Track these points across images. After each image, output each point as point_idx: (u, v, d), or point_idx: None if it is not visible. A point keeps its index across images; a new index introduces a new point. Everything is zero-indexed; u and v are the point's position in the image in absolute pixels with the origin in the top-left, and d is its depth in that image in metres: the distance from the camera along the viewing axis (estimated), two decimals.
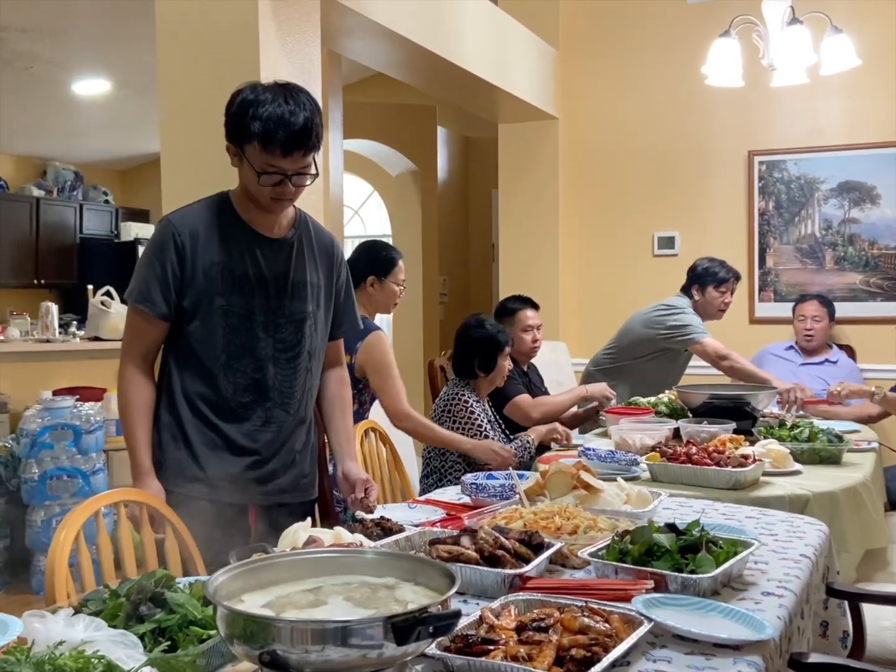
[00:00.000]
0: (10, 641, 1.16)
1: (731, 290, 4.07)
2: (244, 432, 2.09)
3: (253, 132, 1.93)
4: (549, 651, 1.30)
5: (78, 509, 1.69)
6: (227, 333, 2.04)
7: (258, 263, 2.08)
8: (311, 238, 2.20)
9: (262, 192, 2.01)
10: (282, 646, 1.07)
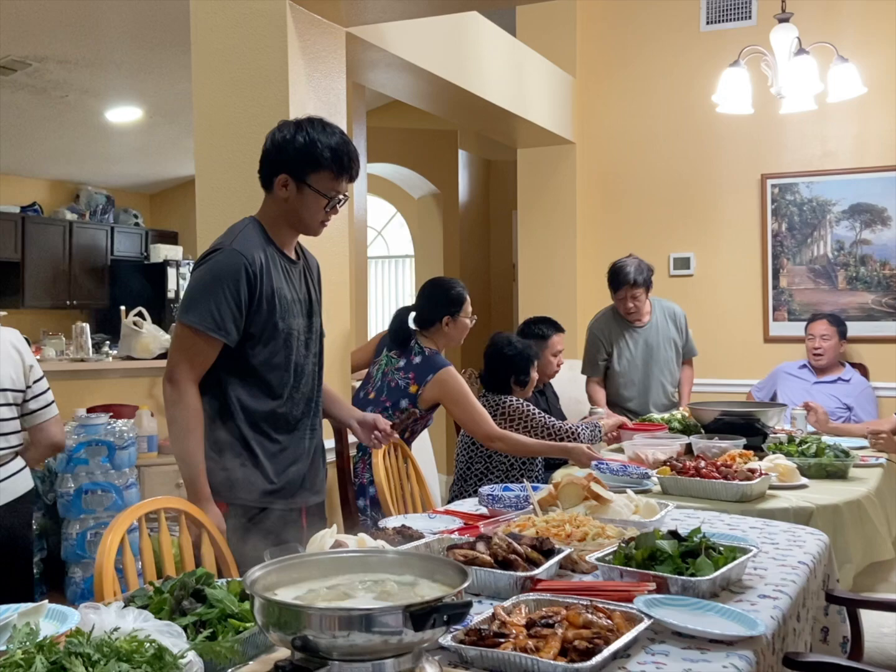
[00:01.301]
0: (70, 629, 1.30)
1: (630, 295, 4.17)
2: (296, 442, 2.27)
3: (325, 160, 2.15)
4: (555, 643, 1.42)
5: (123, 515, 1.84)
6: (288, 354, 2.22)
7: (294, 286, 2.27)
8: (305, 256, 2.41)
9: (315, 216, 2.23)
10: (312, 632, 1.19)
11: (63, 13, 5.20)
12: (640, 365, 4.25)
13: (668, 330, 4.31)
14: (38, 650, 1.16)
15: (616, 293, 4.20)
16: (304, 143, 2.16)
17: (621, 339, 4.25)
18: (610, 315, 4.32)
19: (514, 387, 3.41)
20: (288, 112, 2.76)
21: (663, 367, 4.28)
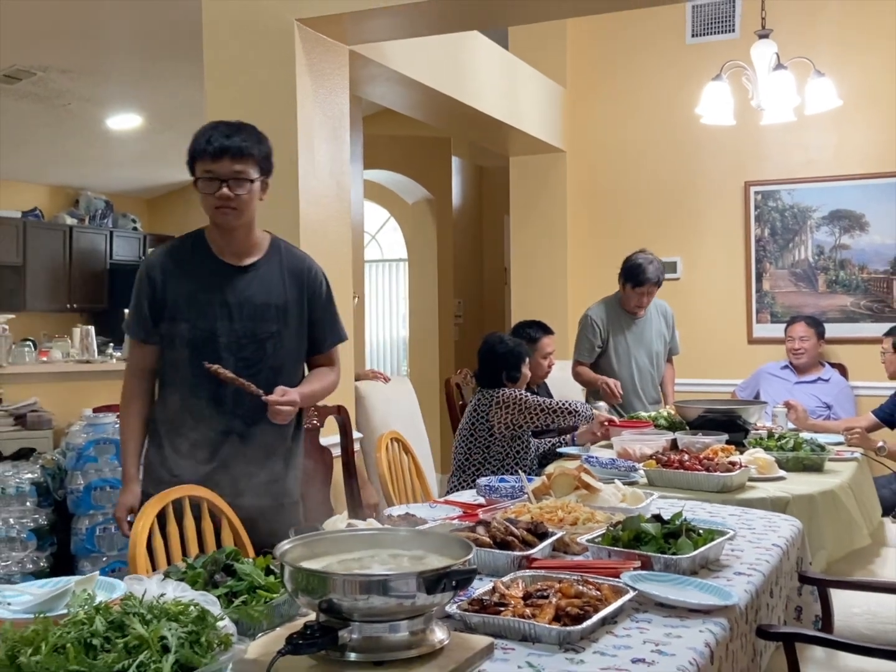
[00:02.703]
0: (119, 597, 1.46)
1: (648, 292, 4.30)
2: (207, 442, 2.31)
3: (192, 151, 2.27)
4: (549, 610, 1.59)
5: (152, 502, 2.00)
6: (193, 353, 2.29)
7: (222, 290, 2.32)
8: (281, 263, 2.42)
9: (208, 202, 2.27)
10: (336, 595, 1.36)
11: (67, 24, 5.35)
12: (633, 354, 4.40)
13: (660, 325, 4.48)
14: (95, 612, 1.32)
15: (636, 288, 4.26)
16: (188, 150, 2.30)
17: (618, 330, 4.37)
18: (609, 305, 4.42)
19: (507, 382, 3.56)
20: (296, 126, 2.93)
21: (654, 359, 4.45)
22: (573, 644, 1.51)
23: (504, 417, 3.39)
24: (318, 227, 3.15)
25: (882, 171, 4.96)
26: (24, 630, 1.27)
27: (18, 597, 1.48)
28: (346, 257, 3.33)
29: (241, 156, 2.25)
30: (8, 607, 1.44)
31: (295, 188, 3.03)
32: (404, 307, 9.00)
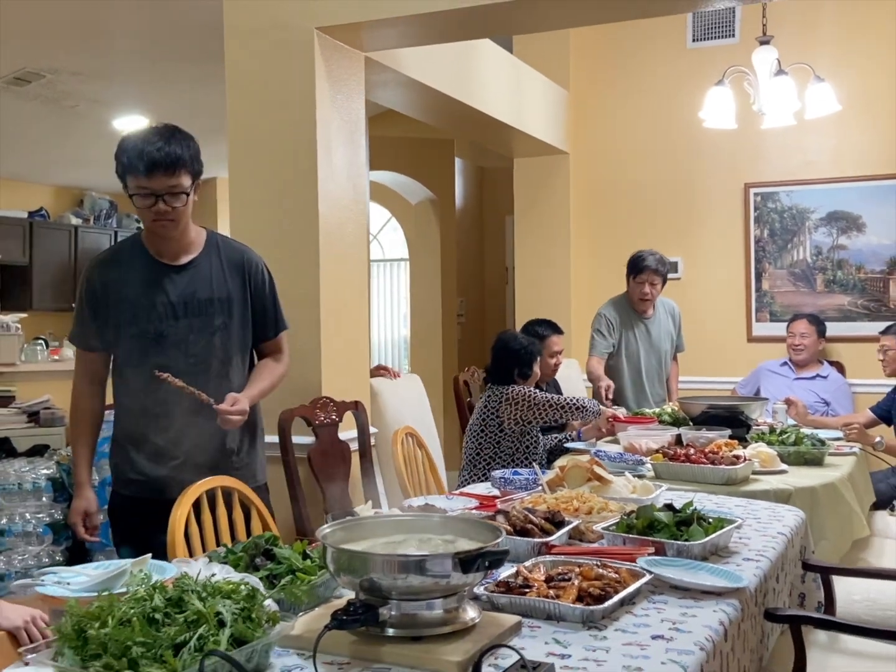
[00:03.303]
0: (171, 577, 1.56)
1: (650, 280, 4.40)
2: (168, 440, 2.36)
3: (123, 165, 2.28)
4: (572, 591, 1.69)
5: (188, 493, 2.09)
6: (141, 355, 2.34)
7: (164, 290, 2.36)
8: (220, 257, 2.45)
9: (145, 216, 2.30)
10: (376, 575, 1.45)
11: (77, 28, 5.42)
12: (642, 354, 4.50)
13: (668, 324, 4.59)
14: (154, 590, 1.41)
15: (636, 277, 4.38)
16: (116, 156, 2.32)
17: (628, 329, 4.47)
18: (619, 304, 4.51)
19: (518, 379, 3.61)
20: (315, 130, 3.02)
21: (661, 358, 4.56)
22: (596, 622, 1.61)
23: (513, 413, 3.48)
24: (336, 229, 3.24)
25: (879, 174, 5.07)
26: (89, 606, 1.36)
27: (76, 577, 1.57)
28: (362, 259, 3.42)
29: (175, 169, 2.25)
30: (67, 587, 1.53)
31: (314, 191, 3.12)
32: (405, 306, 9.08)
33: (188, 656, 1.28)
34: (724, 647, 1.62)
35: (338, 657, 1.45)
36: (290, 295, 2.64)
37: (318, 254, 3.14)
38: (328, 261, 3.19)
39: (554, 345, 4.06)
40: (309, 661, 1.42)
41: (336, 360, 3.24)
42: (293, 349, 2.62)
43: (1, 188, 7.61)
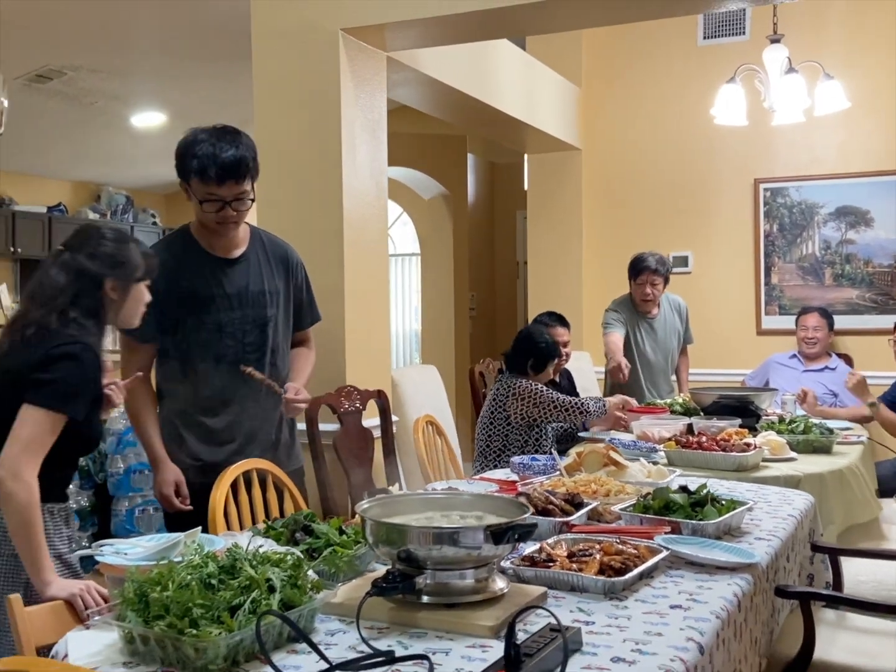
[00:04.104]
0: (220, 549, 1.66)
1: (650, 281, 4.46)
2: (225, 424, 2.48)
3: (191, 169, 2.33)
4: (594, 565, 1.79)
5: (226, 474, 2.21)
6: (200, 346, 2.43)
7: (220, 282, 2.46)
8: (265, 251, 2.58)
9: (208, 218, 2.40)
10: (413, 546, 1.56)
11: (97, 27, 5.53)
12: (648, 354, 4.58)
13: (674, 322, 4.67)
14: (207, 558, 1.52)
15: (636, 278, 4.45)
16: (179, 153, 2.39)
17: (634, 329, 4.55)
18: (624, 305, 4.58)
19: (530, 371, 3.65)
20: (339, 128, 3.13)
21: (668, 356, 4.64)
22: (617, 593, 1.71)
23: (519, 408, 3.53)
24: (359, 223, 3.35)
25: (887, 169, 5.14)
26: (148, 573, 1.47)
27: (132, 549, 1.68)
28: (383, 253, 3.53)
29: (244, 177, 2.35)
30: (125, 557, 1.64)
31: (339, 187, 3.22)
32: (416, 300, 9.18)
33: (243, 617, 1.39)
34: (737, 617, 1.72)
35: (377, 623, 1.55)
36: (315, 287, 2.74)
37: (343, 247, 3.25)
38: (352, 254, 3.30)
39: (558, 335, 4.12)
40: (350, 626, 1.53)
41: (359, 350, 3.34)
42: (318, 340, 2.74)
43: (21, 183, 7.74)
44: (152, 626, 1.37)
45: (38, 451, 1.84)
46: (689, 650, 1.45)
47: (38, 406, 1.85)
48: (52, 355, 1.88)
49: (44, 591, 1.79)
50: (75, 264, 1.98)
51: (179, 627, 1.35)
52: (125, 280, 2.03)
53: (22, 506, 1.80)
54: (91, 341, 1.95)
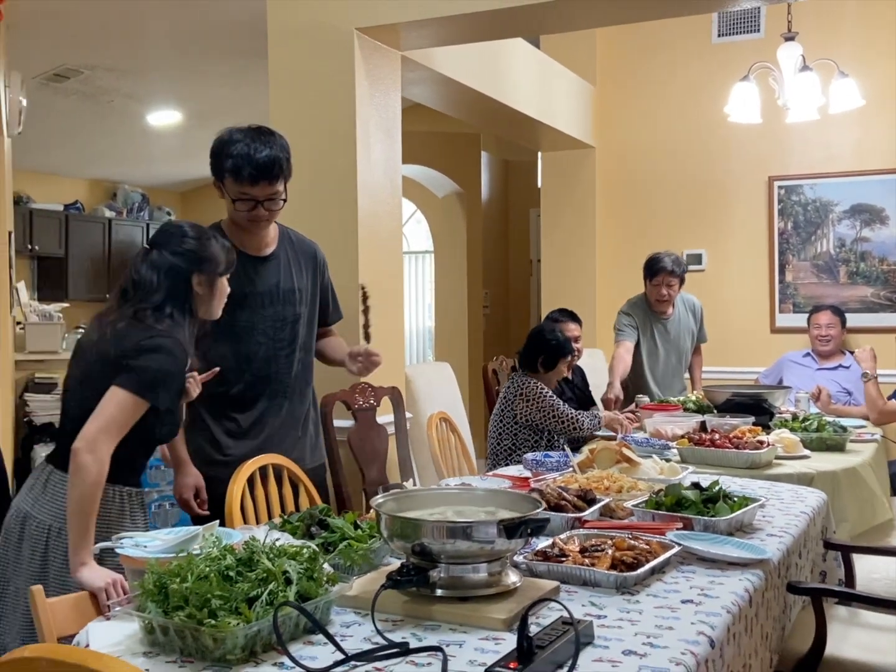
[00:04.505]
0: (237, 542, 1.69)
1: (666, 282, 4.43)
2: (254, 420, 2.52)
3: (225, 168, 2.38)
4: (606, 560, 1.80)
5: (243, 469, 2.24)
6: (233, 342, 2.46)
7: (251, 280, 2.50)
8: (294, 249, 2.63)
9: (240, 216, 2.44)
10: (427, 539, 1.58)
11: (114, 26, 5.57)
12: (662, 355, 4.57)
13: (688, 321, 4.66)
14: (225, 551, 1.55)
15: (652, 279, 4.43)
16: (214, 151, 2.42)
17: (648, 329, 4.54)
18: (638, 305, 4.57)
19: (540, 368, 3.63)
20: (354, 126, 3.15)
21: (681, 356, 4.64)
22: (629, 588, 1.73)
23: (525, 409, 3.51)
24: (374, 221, 3.37)
25: None
26: (168, 565, 1.50)
27: (151, 541, 1.71)
28: (397, 250, 3.55)
29: (277, 178, 2.40)
30: (145, 549, 1.67)
31: (353, 185, 3.25)
32: (429, 297, 9.20)
33: (261, 609, 1.41)
34: (748, 612, 1.74)
35: (392, 615, 1.57)
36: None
37: (357, 245, 3.27)
38: (366, 252, 3.32)
39: (569, 331, 4.12)
40: (365, 618, 1.55)
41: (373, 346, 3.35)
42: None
43: (38, 181, 7.80)
44: (172, 617, 1.40)
45: (115, 432, 1.91)
46: (700, 644, 1.47)
47: (124, 389, 1.92)
48: (145, 346, 1.96)
49: (76, 571, 1.83)
50: (164, 262, 2.05)
51: (198, 618, 1.38)
52: (210, 274, 2.10)
53: (90, 480, 1.86)
54: (181, 337, 2.02)
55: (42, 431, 5.06)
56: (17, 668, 1.12)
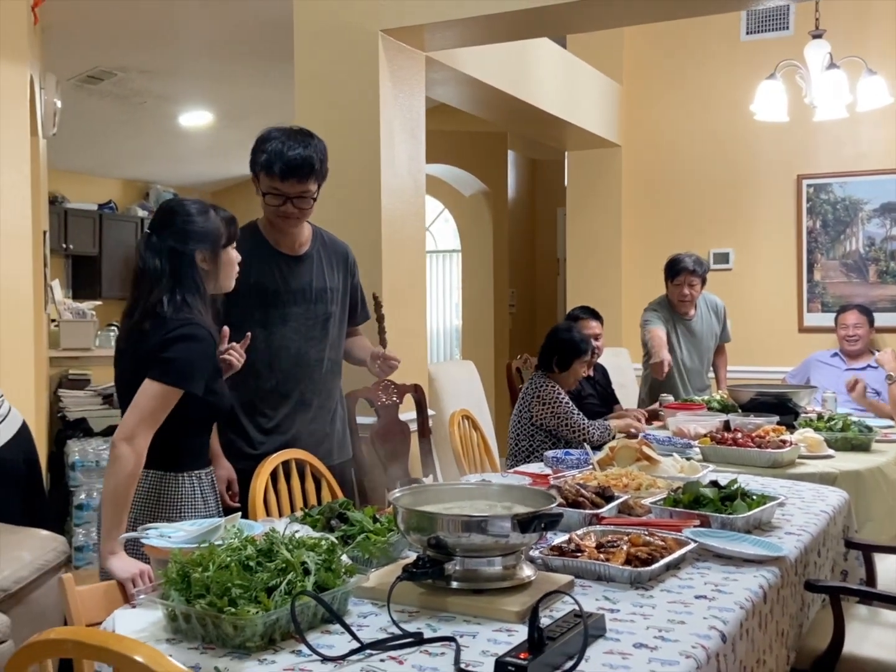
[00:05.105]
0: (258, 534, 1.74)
1: (687, 282, 4.42)
2: (286, 414, 2.57)
3: (259, 162, 2.45)
4: (621, 555, 1.82)
5: (266, 463, 2.28)
6: (265, 339, 2.50)
7: (286, 278, 2.57)
8: (326, 249, 2.68)
9: (270, 211, 2.51)
10: (443, 533, 1.61)
11: (146, 27, 5.67)
12: (685, 355, 4.56)
13: (711, 322, 4.64)
14: (246, 542, 1.59)
15: (674, 280, 4.43)
16: (253, 147, 2.49)
17: (671, 330, 4.51)
18: (661, 306, 4.55)
19: (555, 368, 3.63)
20: (378, 127, 3.19)
21: (703, 356, 4.63)
22: (643, 583, 1.74)
23: (540, 412, 3.52)
24: (397, 221, 3.41)
25: None
26: (191, 555, 1.55)
27: (175, 532, 1.76)
28: (420, 250, 3.59)
29: (307, 176, 2.46)
30: (169, 540, 1.72)
31: (377, 185, 3.29)
32: (457, 296, 9.23)
33: (279, 598, 1.45)
34: (763, 608, 1.75)
35: (408, 606, 1.60)
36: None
37: (381, 244, 3.32)
38: (389, 251, 3.36)
39: (588, 327, 4.12)
40: (382, 609, 1.58)
41: (397, 345, 3.38)
42: None
43: (73, 182, 7.94)
44: (194, 605, 1.44)
45: (151, 422, 1.98)
46: (711, 638, 1.48)
47: (156, 381, 1.99)
48: (168, 338, 2.02)
49: (105, 559, 1.89)
50: (164, 245, 2.09)
51: (219, 606, 1.42)
52: (213, 249, 2.13)
53: (126, 471, 1.93)
54: (200, 319, 2.08)
55: (75, 427, 5.17)
56: (44, 648, 1.17)
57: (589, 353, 3.73)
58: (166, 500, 2.07)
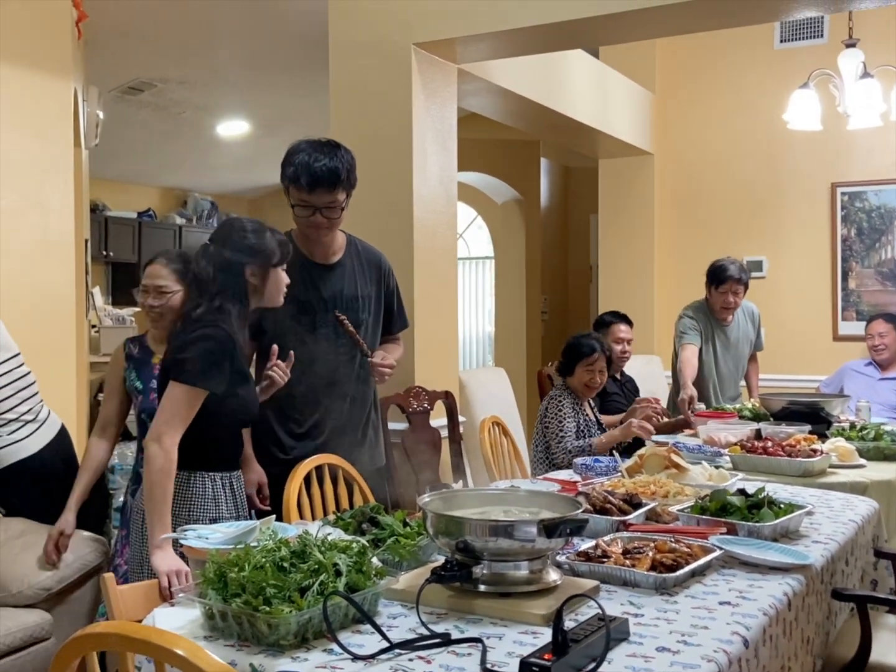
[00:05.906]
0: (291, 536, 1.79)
1: (732, 290, 4.38)
2: (314, 422, 2.61)
3: (288, 175, 2.51)
4: (646, 561, 1.85)
5: (300, 468, 2.35)
6: (298, 345, 2.53)
7: (317, 287, 2.62)
8: (360, 258, 2.72)
9: (300, 222, 2.56)
10: (470, 537, 1.65)
11: (185, 39, 5.79)
12: (721, 361, 4.55)
13: (747, 328, 4.62)
14: (280, 543, 1.65)
15: (719, 287, 4.38)
16: (283, 160, 2.54)
17: (708, 335, 4.48)
18: (699, 310, 4.51)
19: (561, 374, 3.59)
20: (411, 138, 3.25)
21: (738, 364, 4.61)
22: (668, 589, 1.77)
23: (543, 424, 3.52)
24: (429, 231, 3.47)
25: None
26: (227, 556, 1.61)
27: (213, 534, 1.82)
28: (452, 259, 3.64)
29: (335, 187, 2.50)
30: (206, 541, 1.78)
31: (409, 196, 3.35)
32: (490, 303, 9.27)
33: (312, 598, 1.50)
34: (787, 615, 1.76)
35: (436, 609, 1.65)
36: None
37: (413, 253, 3.37)
38: (421, 260, 3.42)
39: (618, 332, 4.11)
40: (411, 610, 1.63)
41: (428, 352, 3.46)
42: None
43: (113, 190, 8.12)
44: (230, 603, 1.50)
45: (178, 422, 2.07)
46: (734, 643, 1.51)
47: (178, 382, 2.09)
48: (187, 339, 2.13)
49: (151, 553, 1.98)
50: (219, 256, 2.20)
51: (254, 605, 1.47)
52: (263, 266, 2.23)
53: (156, 467, 2.02)
54: (226, 323, 2.16)
55: None
56: (90, 642, 1.23)
57: (593, 355, 3.57)
58: (193, 500, 2.16)
